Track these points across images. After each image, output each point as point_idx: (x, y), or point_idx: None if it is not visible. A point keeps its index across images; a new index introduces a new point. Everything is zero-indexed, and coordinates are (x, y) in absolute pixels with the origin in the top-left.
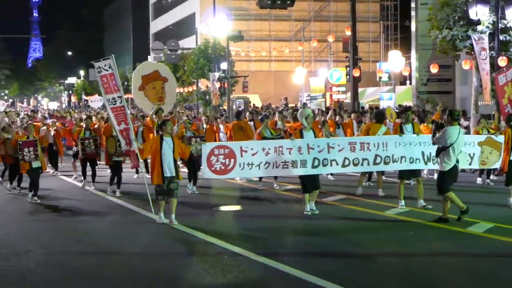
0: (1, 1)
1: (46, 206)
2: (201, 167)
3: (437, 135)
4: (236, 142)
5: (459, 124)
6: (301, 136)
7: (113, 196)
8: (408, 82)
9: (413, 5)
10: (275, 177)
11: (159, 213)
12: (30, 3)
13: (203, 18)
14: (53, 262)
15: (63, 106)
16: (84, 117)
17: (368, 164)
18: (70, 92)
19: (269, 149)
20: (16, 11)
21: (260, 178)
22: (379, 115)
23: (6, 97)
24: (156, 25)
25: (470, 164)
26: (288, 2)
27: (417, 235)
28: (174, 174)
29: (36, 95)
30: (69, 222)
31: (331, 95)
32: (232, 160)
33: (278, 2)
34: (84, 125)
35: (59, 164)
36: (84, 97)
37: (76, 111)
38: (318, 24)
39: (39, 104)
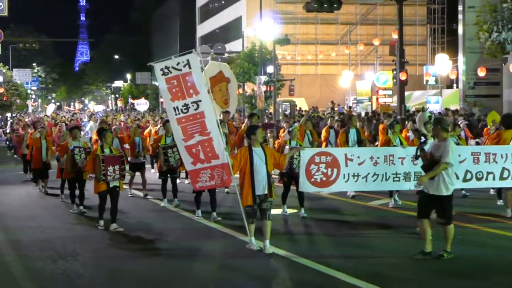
0: (49, 5)
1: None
2: (299, 179)
3: None
4: (340, 148)
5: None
6: None
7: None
8: (455, 85)
9: (460, 8)
10: (391, 193)
11: (249, 238)
12: (78, 7)
13: (250, 21)
14: (102, 265)
15: (109, 109)
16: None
17: (494, 179)
18: (117, 95)
19: (378, 158)
20: (64, 15)
21: (391, 194)
22: (508, 119)
23: (53, 100)
24: (203, 28)
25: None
26: (335, 5)
27: None
28: (266, 192)
29: (82, 99)
30: (122, 227)
31: (377, 99)
32: (335, 170)
33: (325, 5)
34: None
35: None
36: (130, 100)
37: (123, 114)
38: (364, 27)
39: (85, 108)
